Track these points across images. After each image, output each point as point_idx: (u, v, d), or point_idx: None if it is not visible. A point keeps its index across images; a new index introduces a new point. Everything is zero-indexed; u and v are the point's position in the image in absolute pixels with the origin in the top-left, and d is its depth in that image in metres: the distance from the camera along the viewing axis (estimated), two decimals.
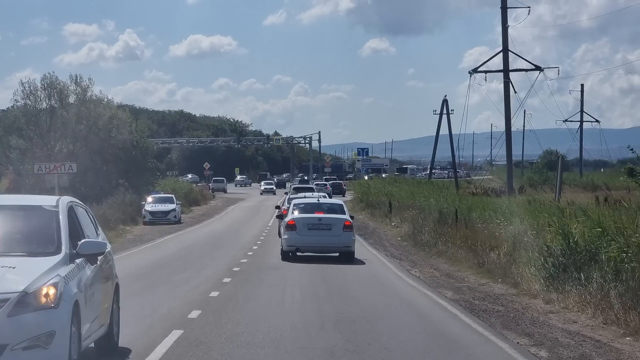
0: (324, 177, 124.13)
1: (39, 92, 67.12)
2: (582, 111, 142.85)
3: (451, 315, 20.61)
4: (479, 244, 33.68)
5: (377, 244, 45.19)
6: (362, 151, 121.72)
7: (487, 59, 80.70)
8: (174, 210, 63.72)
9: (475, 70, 78.80)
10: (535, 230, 29.95)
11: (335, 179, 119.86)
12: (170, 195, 66.20)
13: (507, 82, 75.97)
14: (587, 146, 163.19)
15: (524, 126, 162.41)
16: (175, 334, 16.82)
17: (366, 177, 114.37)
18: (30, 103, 67.03)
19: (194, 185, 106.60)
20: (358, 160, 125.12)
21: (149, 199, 64.86)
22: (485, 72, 78.96)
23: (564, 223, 23.97)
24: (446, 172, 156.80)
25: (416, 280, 28.85)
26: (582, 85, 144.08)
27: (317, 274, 29.76)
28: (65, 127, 67.20)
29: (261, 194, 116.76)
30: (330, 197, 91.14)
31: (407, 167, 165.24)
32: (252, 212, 78.65)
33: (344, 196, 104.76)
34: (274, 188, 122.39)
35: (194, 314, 19.53)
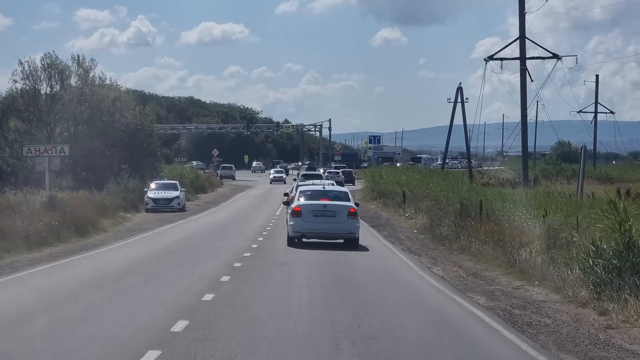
0: (334, 165, 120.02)
1: (39, 73, 63.43)
2: (596, 102, 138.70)
3: (491, 331, 16.88)
4: (507, 240, 29.97)
5: (392, 236, 41.48)
6: (374, 139, 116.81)
7: (501, 47, 77.39)
8: (177, 197, 60.08)
9: (490, 58, 75.61)
10: (572, 225, 26.31)
11: (344, 167, 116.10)
12: (174, 182, 62.53)
13: (523, 71, 72.54)
14: (599, 138, 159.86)
15: (536, 117, 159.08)
16: (150, 356, 13.13)
17: (383, 165, 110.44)
18: (29, 84, 63.31)
19: (202, 172, 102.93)
20: (369, 148, 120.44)
21: (152, 185, 61.25)
22: (501, 59, 75.73)
23: (623, 220, 20.10)
24: (457, 161, 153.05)
25: (440, 281, 25.13)
26: (597, 76, 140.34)
27: (328, 272, 26.14)
28: (65, 109, 63.59)
29: (271, 182, 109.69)
30: (342, 185, 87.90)
31: (420, 157, 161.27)
32: (259, 200, 74.98)
33: (353, 184, 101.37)
34: (284, 176, 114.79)
35: (180, 325, 15.87)
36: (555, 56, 75.18)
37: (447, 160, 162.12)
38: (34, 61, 63.54)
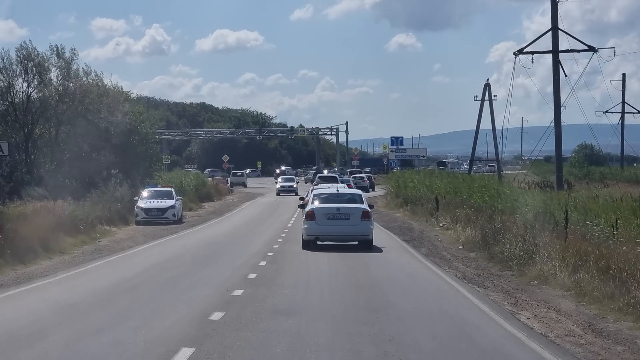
0: (349, 170, 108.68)
1: (14, 67, 53.09)
2: (623, 102, 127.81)
3: None
4: (623, 269, 19.52)
5: (434, 254, 30.93)
6: (396, 140, 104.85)
7: (534, 38, 67.79)
8: (172, 207, 49.62)
9: (520, 51, 66.25)
10: None
11: (359, 172, 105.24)
12: (169, 189, 51.98)
13: (556, 63, 63.79)
14: (615, 142, 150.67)
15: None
16: None
17: (402, 170, 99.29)
18: (3, 79, 52.91)
19: (210, 179, 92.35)
20: (391, 151, 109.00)
21: (144, 193, 50.85)
22: (532, 53, 66.75)
23: None
24: (481, 165, 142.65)
25: (547, 344, 14.66)
26: (624, 75, 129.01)
27: (363, 330, 15.55)
28: (45, 107, 53.20)
29: (278, 194, 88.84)
30: (367, 191, 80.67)
31: (447, 161, 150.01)
32: (270, 209, 64.41)
33: (373, 190, 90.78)
34: (295, 186, 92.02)
35: None
36: (591, 49, 66.13)
37: (466, 166, 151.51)
38: (8, 53, 53.22)
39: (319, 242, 32.36)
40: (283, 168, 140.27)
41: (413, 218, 51.81)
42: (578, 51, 66.12)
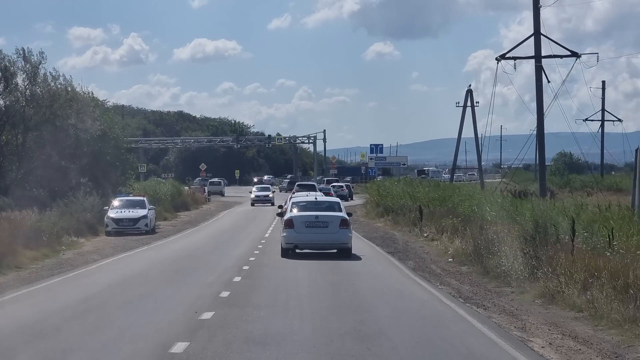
0: (326, 179, 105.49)
1: None
2: (603, 109, 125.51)
3: None
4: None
5: (422, 268, 28.32)
6: (376, 148, 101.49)
7: (512, 46, 65.56)
8: (144, 217, 46.83)
9: (503, 57, 63.82)
10: None
11: (337, 181, 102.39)
12: (141, 199, 49.17)
13: (539, 69, 61.70)
14: (593, 150, 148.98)
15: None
16: None
17: (381, 179, 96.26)
18: None
19: (186, 188, 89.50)
20: (371, 159, 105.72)
21: (115, 202, 48.02)
22: (514, 58, 64.36)
23: None
24: (460, 174, 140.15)
25: None
26: (604, 82, 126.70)
27: None
28: (11, 112, 50.32)
29: (253, 204, 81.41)
30: (346, 199, 79.36)
31: (427, 170, 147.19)
32: (247, 218, 61.69)
33: (351, 199, 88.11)
34: (272, 195, 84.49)
35: None
36: (574, 54, 63.83)
37: (446, 175, 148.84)
38: None
39: (297, 250, 31.77)
40: (266, 177, 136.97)
41: (395, 228, 49.26)
42: (561, 57, 64.13)
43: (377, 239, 41.70)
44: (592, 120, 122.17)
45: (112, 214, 46.46)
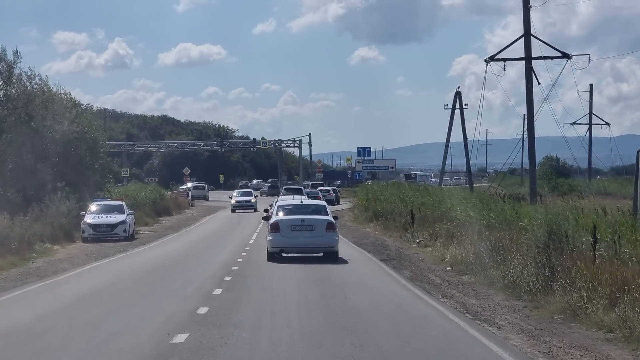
0: (311, 184, 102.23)
1: None
2: (591, 113, 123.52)
3: None
4: None
5: (420, 278, 25.76)
6: (363, 151, 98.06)
7: (505, 45, 63.22)
8: (123, 222, 44.13)
9: (492, 58, 60.95)
10: None
11: (322, 185, 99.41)
12: (119, 203, 46.44)
13: (529, 70, 58.18)
14: (578, 154, 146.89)
15: (523, 131, 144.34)
16: None
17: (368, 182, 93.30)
18: None
19: (169, 192, 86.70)
20: (358, 162, 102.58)
21: (92, 207, 45.30)
22: (504, 60, 60.97)
23: None
24: (446, 178, 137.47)
25: None
26: (591, 86, 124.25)
27: None
28: None
29: (233, 210, 74.03)
30: (333, 204, 77.01)
31: (414, 174, 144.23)
32: (231, 223, 59.05)
33: (338, 204, 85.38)
34: (254, 200, 76.55)
35: None
36: (565, 55, 61.00)
37: (433, 179, 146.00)
38: None
39: (284, 254, 30.88)
40: (255, 182, 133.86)
41: (385, 233, 46.70)
42: (552, 58, 61.75)
43: (368, 245, 39.16)
44: (579, 124, 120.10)
45: (89, 219, 43.80)
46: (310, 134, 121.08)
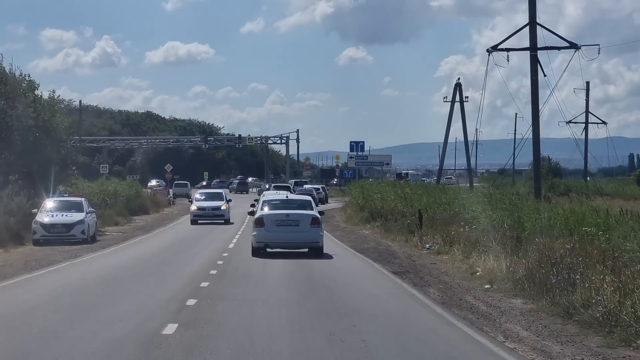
0: (294, 182, 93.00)
1: None
2: (587, 112, 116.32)
3: None
4: None
5: (457, 303, 18.25)
6: (356, 145, 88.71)
7: (508, 34, 57.98)
8: (81, 222, 36.42)
9: (494, 48, 56.38)
10: None
11: (305, 183, 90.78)
12: (78, 200, 38.64)
13: (534, 60, 51.79)
14: (565, 156, 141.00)
15: (515, 132, 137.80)
16: None
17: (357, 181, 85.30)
18: None
19: (147, 190, 78.76)
20: (351, 158, 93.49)
21: (47, 204, 37.64)
22: (507, 50, 54.69)
23: None
24: (435, 178, 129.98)
25: None
26: (588, 83, 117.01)
27: None
28: None
29: (194, 222, 50.12)
30: (323, 203, 71.59)
31: (406, 173, 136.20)
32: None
33: (327, 202, 77.50)
34: (225, 208, 51.11)
35: None
36: (573, 45, 56.31)
37: (425, 179, 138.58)
38: None
39: (269, 249, 29.59)
40: (236, 180, 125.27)
41: (387, 237, 39.15)
42: (558, 48, 56.99)
43: (371, 252, 31.63)
44: (575, 123, 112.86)
45: (42, 218, 36.21)
46: (297, 130, 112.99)
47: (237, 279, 22.02)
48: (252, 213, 33.41)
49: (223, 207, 51.09)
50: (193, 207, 51.93)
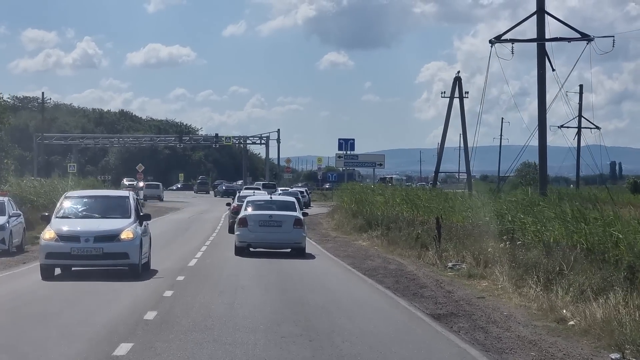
0: (262, 184, 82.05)
1: None
2: (580, 116, 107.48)
3: None
4: None
5: None
6: (346, 143, 77.40)
7: (513, 24, 52.06)
8: (1, 228, 27.29)
9: (498, 39, 49.71)
10: None
11: (273, 186, 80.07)
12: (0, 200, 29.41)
13: (542, 51, 45.77)
14: (551, 163, 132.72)
15: (501, 137, 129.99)
16: None
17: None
18: None
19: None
20: (339, 157, 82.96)
21: None
22: (512, 41, 47.85)
23: None
24: (423, 183, 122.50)
25: None
26: (581, 87, 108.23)
27: None
28: None
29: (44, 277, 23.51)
30: (308, 206, 68.12)
31: (389, 177, 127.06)
32: (178, 229, 42.77)
33: (310, 207, 68.43)
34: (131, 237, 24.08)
35: None
36: (585, 37, 49.02)
37: (420, 183, 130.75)
38: None
39: (252, 249, 28.77)
40: (199, 180, 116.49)
41: (392, 251, 30.43)
42: (568, 40, 50.31)
43: (380, 274, 22.92)
44: (568, 127, 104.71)
45: None
46: (279, 129, 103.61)
47: (188, 313, 13.05)
48: (229, 204, 35.76)
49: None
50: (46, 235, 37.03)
